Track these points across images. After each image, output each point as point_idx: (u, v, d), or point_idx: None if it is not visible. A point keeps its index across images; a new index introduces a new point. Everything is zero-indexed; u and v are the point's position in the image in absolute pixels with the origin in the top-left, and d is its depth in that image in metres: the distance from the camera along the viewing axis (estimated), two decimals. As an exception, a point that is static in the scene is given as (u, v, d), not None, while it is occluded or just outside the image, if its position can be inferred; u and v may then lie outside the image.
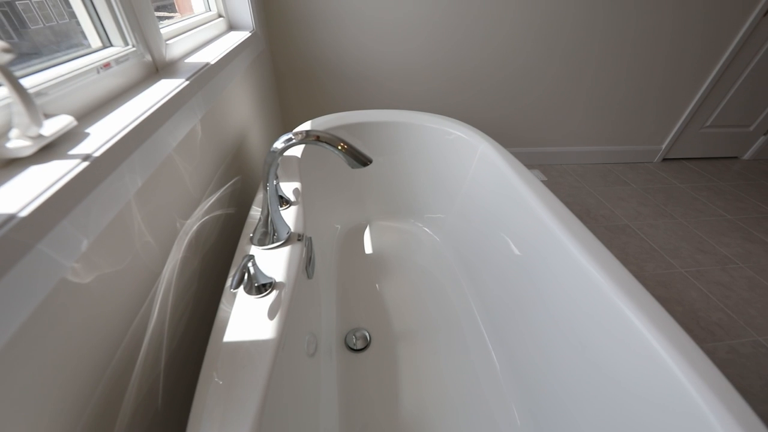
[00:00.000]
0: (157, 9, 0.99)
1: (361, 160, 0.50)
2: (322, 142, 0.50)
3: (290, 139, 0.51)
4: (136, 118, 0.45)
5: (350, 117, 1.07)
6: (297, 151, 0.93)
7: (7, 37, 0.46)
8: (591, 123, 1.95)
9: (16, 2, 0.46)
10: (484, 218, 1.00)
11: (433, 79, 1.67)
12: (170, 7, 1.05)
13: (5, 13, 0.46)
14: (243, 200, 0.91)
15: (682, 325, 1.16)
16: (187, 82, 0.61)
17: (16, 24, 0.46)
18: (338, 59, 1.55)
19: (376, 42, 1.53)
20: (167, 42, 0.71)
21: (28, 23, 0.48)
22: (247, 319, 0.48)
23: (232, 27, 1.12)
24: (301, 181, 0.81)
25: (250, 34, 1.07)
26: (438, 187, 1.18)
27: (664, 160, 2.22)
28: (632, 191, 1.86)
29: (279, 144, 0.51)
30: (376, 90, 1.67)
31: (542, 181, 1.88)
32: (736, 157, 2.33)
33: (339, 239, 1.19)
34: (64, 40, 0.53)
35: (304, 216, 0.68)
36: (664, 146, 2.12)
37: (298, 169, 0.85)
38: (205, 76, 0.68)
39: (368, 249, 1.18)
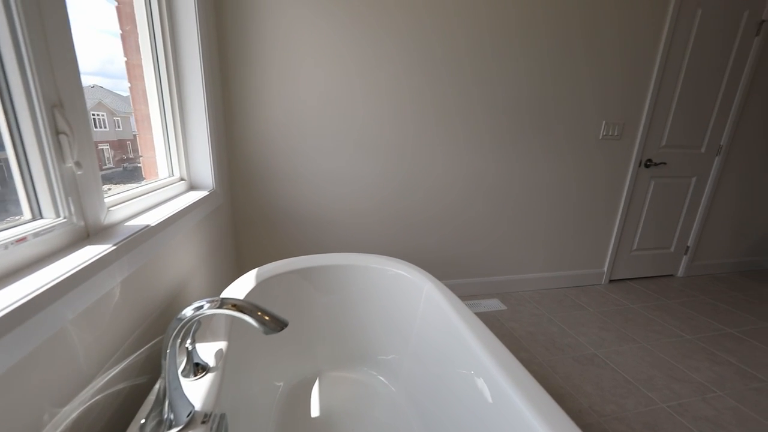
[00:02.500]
0: (134, 170, 1.09)
1: (275, 327, 0.48)
2: (237, 310, 0.48)
3: (201, 307, 0.49)
4: (23, 297, 0.42)
5: (299, 262, 1.09)
6: (241, 292, 0.89)
7: None
8: (542, 252, 2.13)
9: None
10: (439, 361, 0.92)
11: (391, 227, 1.84)
12: (138, 172, 1.17)
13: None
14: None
15: (687, 484, 0.98)
16: (114, 248, 0.61)
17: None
18: (296, 210, 1.70)
19: (333, 200, 1.72)
20: (111, 208, 0.74)
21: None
22: None
23: (193, 187, 1.23)
24: (231, 337, 0.75)
25: (208, 192, 1.18)
26: (390, 328, 1.12)
27: (611, 281, 2.36)
28: (590, 315, 1.88)
29: (188, 311, 0.49)
30: (332, 236, 1.78)
31: (502, 311, 1.88)
32: (672, 275, 2.53)
33: (280, 401, 1.02)
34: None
35: (220, 386, 0.59)
36: (605, 269, 2.29)
37: (231, 321, 0.79)
38: (139, 238, 0.69)
39: (315, 410, 1.01)
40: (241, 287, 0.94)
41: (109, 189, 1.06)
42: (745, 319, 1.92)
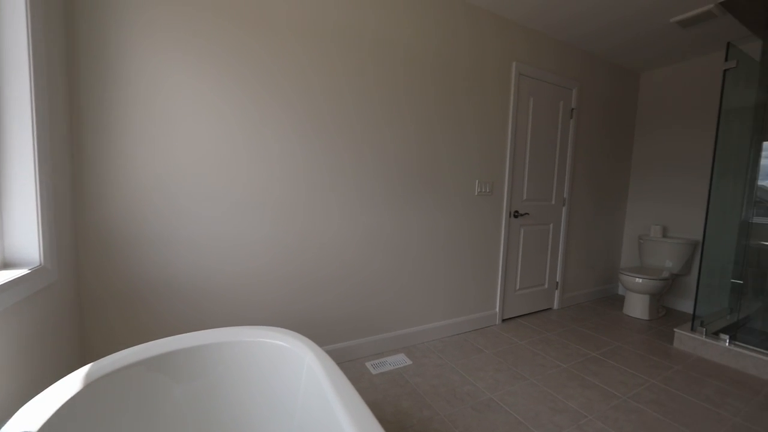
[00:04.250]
0: None
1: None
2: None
3: None
4: None
5: (149, 349, 0.91)
6: (55, 401, 0.67)
7: None
8: (443, 300, 2.23)
9: None
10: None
11: (283, 288, 1.72)
12: None
13: None
14: None
15: None
16: None
17: None
18: (171, 279, 1.48)
19: (216, 264, 1.56)
20: None
21: None
22: None
23: (6, 265, 0.97)
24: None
25: (29, 270, 0.94)
26: (271, 407, 0.98)
27: (503, 320, 2.59)
28: (487, 358, 1.99)
29: None
30: (216, 306, 1.58)
31: (407, 366, 1.85)
32: (550, 308, 2.90)
33: None
34: None
35: None
36: (497, 310, 2.51)
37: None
38: None
39: None
40: (56, 395, 0.72)
41: None
42: (603, 341, 2.27)
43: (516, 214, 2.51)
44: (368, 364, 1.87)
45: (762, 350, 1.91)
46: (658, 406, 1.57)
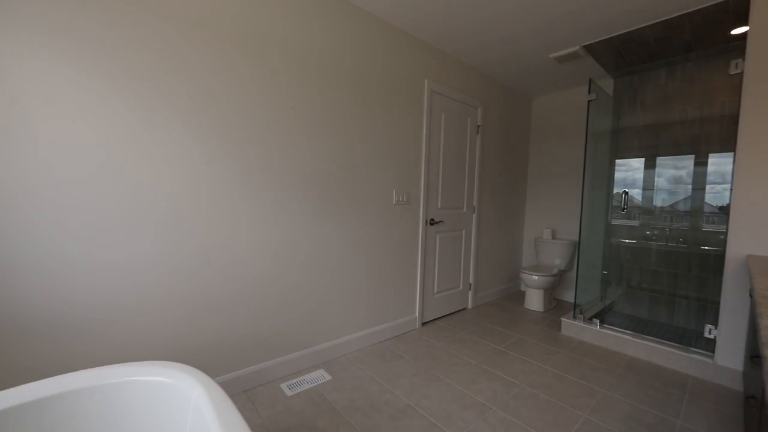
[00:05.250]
0: None
1: None
2: None
3: None
4: None
5: (-33, 412, 0.69)
6: None
7: None
8: (363, 310, 2.21)
9: None
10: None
11: (178, 308, 1.51)
12: None
13: None
14: None
15: None
16: None
17: None
18: (16, 312, 1.18)
19: (84, 292, 1.30)
20: None
21: None
22: None
23: None
24: None
25: None
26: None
27: (423, 324, 2.70)
28: (406, 364, 2.04)
29: None
30: (86, 342, 1.31)
31: (326, 382, 1.79)
32: (465, 308, 3.13)
33: None
34: None
35: None
36: (417, 314, 2.61)
37: None
38: None
39: None
40: None
41: None
42: (507, 335, 2.52)
43: (432, 222, 2.65)
44: (284, 386, 1.76)
45: (620, 330, 2.33)
46: (548, 389, 1.79)
